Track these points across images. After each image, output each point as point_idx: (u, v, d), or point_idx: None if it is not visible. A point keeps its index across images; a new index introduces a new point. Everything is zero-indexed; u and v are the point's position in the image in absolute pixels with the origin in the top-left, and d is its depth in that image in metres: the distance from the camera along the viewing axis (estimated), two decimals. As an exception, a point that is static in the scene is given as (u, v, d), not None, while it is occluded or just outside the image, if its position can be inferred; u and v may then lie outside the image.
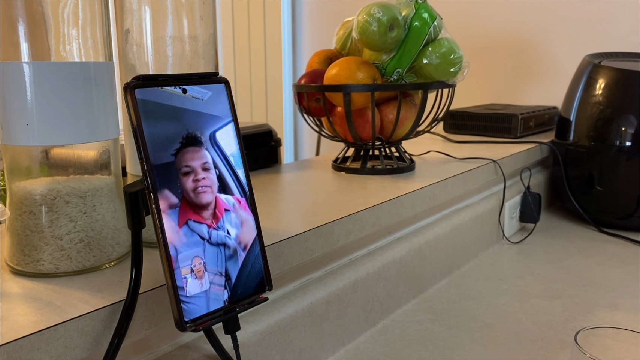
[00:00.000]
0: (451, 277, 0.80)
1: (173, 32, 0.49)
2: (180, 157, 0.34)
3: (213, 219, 0.35)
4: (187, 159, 0.35)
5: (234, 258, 0.35)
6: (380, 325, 0.66)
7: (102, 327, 0.37)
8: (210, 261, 0.34)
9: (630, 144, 0.96)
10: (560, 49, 1.30)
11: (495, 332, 0.64)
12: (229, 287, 0.34)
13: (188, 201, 0.34)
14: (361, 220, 0.61)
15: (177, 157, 0.34)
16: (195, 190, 0.34)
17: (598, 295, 0.73)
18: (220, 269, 0.34)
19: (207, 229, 0.34)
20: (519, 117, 1.09)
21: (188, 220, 0.34)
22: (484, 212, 0.88)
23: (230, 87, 0.37)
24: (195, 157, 0.35)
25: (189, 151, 0.35)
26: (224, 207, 0.35)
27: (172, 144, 0.34)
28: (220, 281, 0.34)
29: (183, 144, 0.35)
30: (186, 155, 0.35)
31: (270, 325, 0.51)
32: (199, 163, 0.35)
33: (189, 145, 0.35)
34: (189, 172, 0.35)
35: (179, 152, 0.34)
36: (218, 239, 0.34)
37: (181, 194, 0.34)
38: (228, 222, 0.35)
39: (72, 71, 0.42)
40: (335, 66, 0.76)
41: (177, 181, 0.34)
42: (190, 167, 0.35)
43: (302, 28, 1.73)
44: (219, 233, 0.34)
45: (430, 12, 0.73)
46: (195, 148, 0.35)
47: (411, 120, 0.79)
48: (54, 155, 0.44)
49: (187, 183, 0.34)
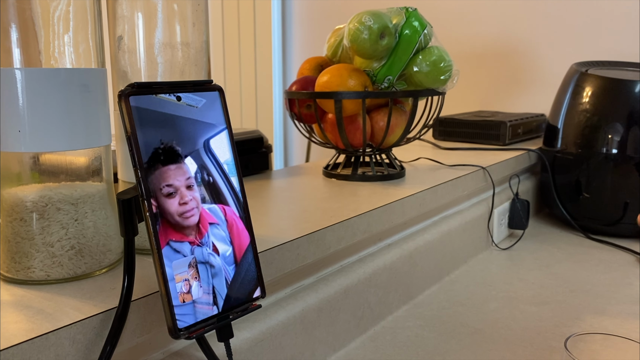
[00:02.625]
0: (441, 283, 0.80)
1: (165, 39, 0.49)
2: (162, 176, 0.33)
3: (197, 235, 0.34)
4: (169, 177, 0.33)
5: (220, 274, 0.35)
6: (371, 331, 0.66)
7: (94, 336, 0.37)
8: (203, 269, 0.34)
9: (616, 152, 0.98)
10: (548, 57, 1.32)
11: (485, 338, 0.64)
12: (221, 297, 0.34)
13: (169, 221, 0.33)
14: (352, 226, 0.62)
15: (159, 174, 0.33)
16: (181, 215, 0.33)
17: (586, 301, 0.74)
18: (214, 279, 0.34)
19: (189, 247, 0.34)
20: (508, 125, 1.11)
21: (169, 241, 0.33)
22: (474, 218, 0.89)
23: (224, 94, 0.37)
24: (178, 173, 0.33)
25: (169, 170, 0.33)
26: (209, 220, 0.35)
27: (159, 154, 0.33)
28: (213, 291, 0.34)
29: (163, 162, 0.33)
30: (168, 173, 0.33)
31: (262, 332, 0.51)
32: (183, 180, 0.34)
33: (169, 163, 0.33)
34: (172, 194, 0.33)
35: (160, 171, 0.32)
36: (201, 257, 0.34)
37: (163, 210, 0.33)
38: (213, 235, 0.35)
39: (64, 78, 0.42)
40: (327, 73, 0.76)
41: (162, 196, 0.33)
42: (172, 186, 0.33)
43: (292, 34, 1.73)
44: (203, 251, 0.34)
45: (421, 20, 0.73)
46: (175, 165, 0.33)
47: (401, 127, 0.80)
48: (45, 161, 0.44)
49: (172, 206, 0.33)
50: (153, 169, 0.32)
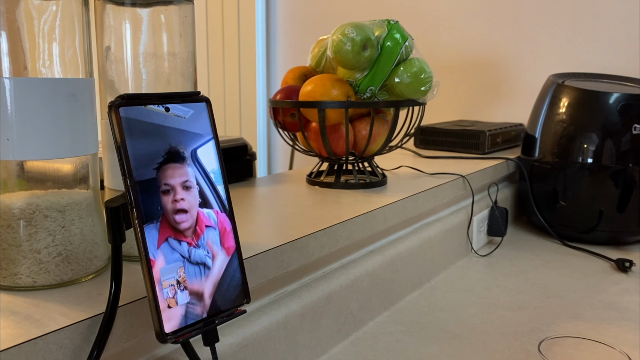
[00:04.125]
0: (422, 289, 0.82)
1: (152, 49, 0.50)
2: (161, 174, 0.35)
3: (194, 236, 0.36)
4: (167, 175, 0.35)
5: (212, 275, 0.36)
6: (353, 337, 0.67)
7: (81, 341, 0.38)
8: (190, 275, 0.35)
9: (592, 161, 1.00)
10: (527, 69, 1.35)
11: (463, 343, 0.66)
12: (206, 302, 0.35)
13: (168, 222, 0.35)
14: (335, 234, 0.63)
15: (158, 172, 0.35)
16: (174, 213, 0.35)
17: (562, 306, 0.76)
18: (201, 289, 0.35)
19: (187, 247, 0.35)
20: (487, 134, 1.13)
21: (168, 237, 0.35)
22: (453, 225, 0.91)
23: (211, 105, 0.39)
24: (176, 174, 0.36)
25: (169, 167, 0.36)
26: (206, 223, 0.36)
27: (154, 159, 0.35)
28: (199, 297, 0.35)
29: (165, 159, 0.36)
30: (166, 172, 0.36)
31: (246, 338, 0.52)
32: (179, 181, 0.36)
33: (171, 162, 0.36)
34: (168, 191, 0.35)
35: (160, 168, 0.35)
36: (198, 258, 0.35)
37: (161, 210, 0.35)
38: (208, 238, 0.36)
39: (53, 87, 0.42)
40: (311, 83, 0.78)
41: (157, 197, 0.35)
42: (169, 185, 0.35)
43: (276, 43, 1.75)
44: (198, 252, 0.35)
45: (402, 32, 0.75)
46: (177, 164, 0.36)
47: (383, 136, 0.82)
48: (32, 169, 0.44)
49: (167, 203, 0.35)
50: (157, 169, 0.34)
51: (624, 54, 1.22)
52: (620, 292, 0.81)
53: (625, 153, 0.99)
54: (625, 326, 0.70)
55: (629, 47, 1.21)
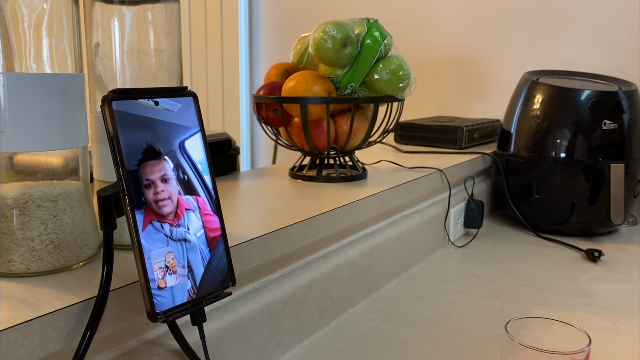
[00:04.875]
0: (400, 278, 0.85)
1: (140, 46, 0.52)
2: (141, 170, 0.37)
3: (175, 218, 0.38)
4: (147, 172, 0.37)
5: (195, 251, 0.38)
6: (334, 323, 0.70)
7: (74, 322, 0.40)
8: (179, 256, 0.37)
9: (564, 155, 1.04)
10: (503, 66, 1.39)
11: (439, 328, 0.69)
12: (192, 279, 0.38)
13: (151, 208, 0.37)
14: (317, 224, 0.66)
15: (140, 169, 0.37)
16: (156, 202, 0.37)
17: (533, 294, 0.80)
18: (183, 262, 0.37)
19: (169, 227, 0.37)
20: (464, 130, 1.16)
21: (152, 220, 0.37)
22: (431, 217, 0.94)
23: (198, 100, 0.41)
24: (155, 169, 0.38)
25: (148, 165, 0.37)
26: (185, 206, 0.38)
27: (141, 153, 0.37)
28: (184, 272, 0.37)
29: (142, 158, 0.37)
30: (145, 169, 0.37)
31: (231, 323, 0.54)
32: (158, 175, 0.38)
33: (148, 159, 0.37)
34: (149, 185, 0.37)
35: (140, 164, 0.37)
36: (178, 235, 0.38)
37: (145, 200, 0.37)
38: (188, 219, 0.38)
39: (45, 82, 0.44)
40: (293, 79, 0.80)
41: (142, 188, 0.37)
42: (149, 180, 0.37)
43: (259, 39, 1.77)
44: (179, 230, 0.38)
45: (381, 31, 0.78)
46: (154, 161, 0.38)
47: (364, 131, 0.84)
48: (24, 161, 0.46)
49: (149, 195, 0.37)
50: (138, 165, 0.36)
51: (596, 52, 1.26)
52: (589, 281, 0.85)
53: (595, 148, 1.03)
54: (592, 311, 0.74)
55: (601, 46, 1.26)
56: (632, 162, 1.05)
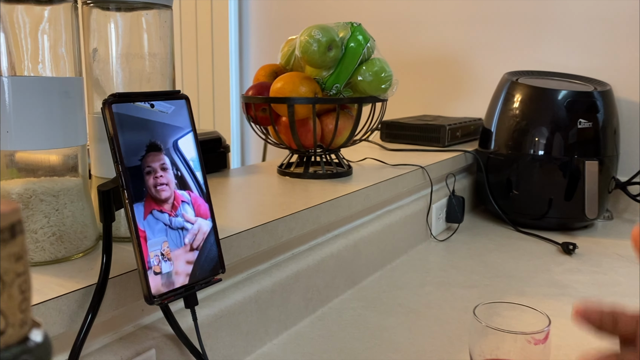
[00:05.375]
0: (383, 270, 0.89)
1: (135, 50, 0.56)
2: (144, 160, 0.41)
3: (172, 209, 0.42)
4: (149, 161, 0.42)
5: (192, 247, 0.42)
6: (319, 312, 0.74)
7: (76, 307, 0.44)
8: (174, 244, 0.41)
9: (542, 153, 1.09)
10: (486, 67, 1.43)
11: (419, 316, 0.73)
12: (188, 272, 0.41)
13: (151, 196, 0.41)
14: (303, 218, 0.69)
15: (142, 160, 0.41)
16: (155, 187, 0.41)
17: (509, 284, 0.84)
18: (182, 248, 0.41)
19: (168, 217, 0.41)
20: (447, 128, 1.21)
21: (152, 210, 0.41)
22: (413, 212, 0.98)
23: (190, 102, 0.44)
24: (155, 159, 0.42)
25: (150, 155, 0.42)
26: (181, 199, 0.42)
27: (139, 150, 0.41)
28: (181, 267, 0.41)
29: (147, 150, 0.41)
30: (148, 158, 0.42)
31: (221, 310, 0.58)
32: (158, 164, 0.42)
33: (151, 151, 0.42)
34: (150, 172, 0.41)
35: (143, 158, 0.41)
36: (177, 224, 0.41)
37: (146, 191, 0.41)
38: (184, 210, 0.42)
39: (47, 85, 0.48)
40: (281, 80, 0.84)
41: (142, 180, 0.41)
42: (151, 167, 0.41)
43: (248, 41, 1.80)
44: (177, 219, 0.41)
45: (365, 34, 0.82)
46: (156, 153, 0.42)
47: (348, 130, 0.88)
48: (25, 159, 0.49)
49: (149, 180, 0.41)
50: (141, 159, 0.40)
51: (574, 53, 1.31)
52: (563, 272, 0.90)
53: (572, 145, 1.07)
54: (564, 300, 0.78)
55: (579, 47, 1.30)
56: (607, 160, 1.09)
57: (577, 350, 0.64)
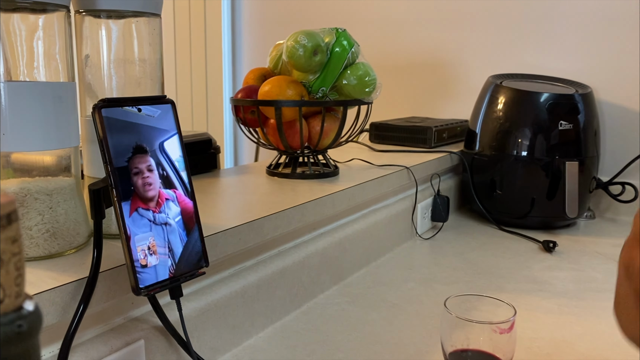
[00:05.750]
0: (368, 267, 0.92)
1: (125, 56, 0.59)
2: (131, 162, 0.44)
3: (156, 206, 0.44)
4: (136, 162, 0.44)
5: (175, 234, 0.45)
6: (304, 307, 0.76)
7: (69, 299, 0.46)
8: (157, 239, 0.44)
9: (525, 154, 1.12)
10: (473, 69, 1.47)
11: (401, 311, 0.76)
12: (172, 258, 0.44)
13: (138, 195, 0.44)
14: (288, 216, 0.72)
15: (129, 162, 0.44)
16: (143, 187, 0.44)
17: (489, 281, 0.87)
18: (164, 243, 0.44)
19: (152, 213, 0.44)
20: (433, 130, 1.24)
21: (138, 207, 0.43)
22: (399, 212, 1.01)
23: (176, 107, 0.47)
24: (142, 160, 0.45)
25: (137, 156, 0.45)
26: (165, 197, 0.45)
27: (127, 152, 0.44)
28: (165, 252, 0.44)
29: (133, 152, 0.44)
30: (135, 160, 0.44)
31: (208, 304, 0.61)
32: (144, 165, 0.45)
33: (137, 153, 0.45)
34: (137, 172, 0.44)
35: (130, 159, 0.44)
36: (160, 220, 0.44)
37: (132, 190, 0.44)
38: (168, 207, 0.45)
39: (42, 90, 0.50)
40: (268, 84, 0.87)
41: (129, 180, 0.43)
42: (138, 168, 0.44)
43: (241, 43, 1.83)
44: (160, 215, 0.44)
45: (349, 40, 0.85)
46: (142, 154, 0.45)
47: (334, 132, 0.91)
48: (20, 159, 0.52)
49: (138, 181, 0.44)
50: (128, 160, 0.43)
51: (557, 56, 1.34)
52: (543, 269, 0.93)
53: (553, 147, 1.10)
54: (541, 296, 0.81)
55: (562, 50, 1.34)
56: (587, 160, 1.13)
57: (550, 342, 0.67)
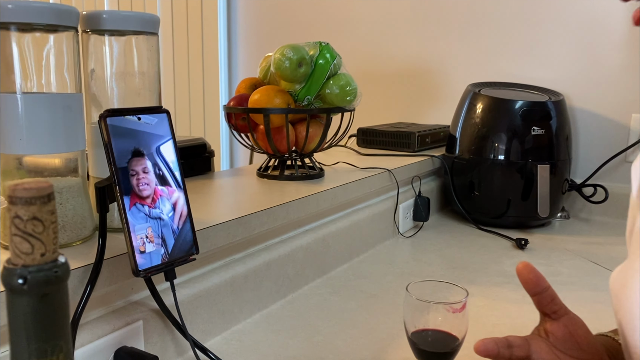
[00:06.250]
0: (351, 262, 0.99)
1: (126, 69, 0.66)
2: (129, 164, 0.51)
3: (152, 202, 0.52)
4: (134, 164, 0.51)
5: (168, 226, 0.52)
6: (289, 297, 0.84)
7: (77, 282, 0.53)
8: (156, 230, 0.51)
9: (501, 157, 1.19)
10: (456, 77, 1.54)
11: (377, 300, 0.83)
12: (165, 247, 0.51)
13: (135, 192, 0.51)
14: (274, 213, 0.79)
15: (128, 164, 0.51)
16: (138, 187, 0.51)
17: (462, 274, 0.94)
18: (159, 234, 0.51)
19: (148, 208, 0.51)
20: (417, 135, 1.31)
21: (136, 203, 0.51)
22: (381, 211, 1.08)
23: (171, 115, 0.55)
24: (139, 163, 0.52)
25: (135, 159, 0.52)
26: (160, 194, 0.52)
27: (128, 154, 0.51)
28: (159, 242, 0.51)
29: (132, 155, 0.51)
30: (133, 162, 0.51)
31: (200, 291, 0.68)
32: (141, 167, 0.52)
33: (135, 157, 0.52)
34: (134, 174, 0.51)
35: (129, 161, 0.51)
36: (155, 214, 0.51)
37: (131, 187, 0.51)
38: (162, 203, 0.52)
39: (53, 100, 0.58)
40: (257, 93, 0.94)
41: (129, 179, 0.51)
42: (134, 170, 0.51)
43: (237, 52, 1.91)
44: (155, 211, 0.51)
45: (332, 52, 0.92)
46: (140, 157, 0.52)
47: (319, 136, 0.99)
48: (35, 162, 0.59)
49: (133, 181, 0.51)
50: (127, 162, 0.50)
51: (533, 65, 1.42)
52: (513, 264, 1.00)
53: (527, 151, 1.18)
54: (508, 288, 0.88)
55: (537, 59, 1.41)
56: (559, 163, 1.20)
57: (510, 328, 0.74)
